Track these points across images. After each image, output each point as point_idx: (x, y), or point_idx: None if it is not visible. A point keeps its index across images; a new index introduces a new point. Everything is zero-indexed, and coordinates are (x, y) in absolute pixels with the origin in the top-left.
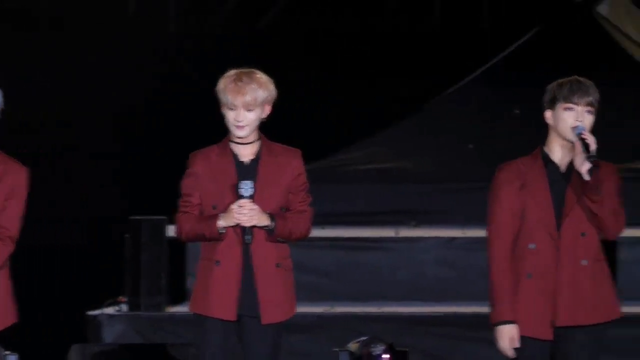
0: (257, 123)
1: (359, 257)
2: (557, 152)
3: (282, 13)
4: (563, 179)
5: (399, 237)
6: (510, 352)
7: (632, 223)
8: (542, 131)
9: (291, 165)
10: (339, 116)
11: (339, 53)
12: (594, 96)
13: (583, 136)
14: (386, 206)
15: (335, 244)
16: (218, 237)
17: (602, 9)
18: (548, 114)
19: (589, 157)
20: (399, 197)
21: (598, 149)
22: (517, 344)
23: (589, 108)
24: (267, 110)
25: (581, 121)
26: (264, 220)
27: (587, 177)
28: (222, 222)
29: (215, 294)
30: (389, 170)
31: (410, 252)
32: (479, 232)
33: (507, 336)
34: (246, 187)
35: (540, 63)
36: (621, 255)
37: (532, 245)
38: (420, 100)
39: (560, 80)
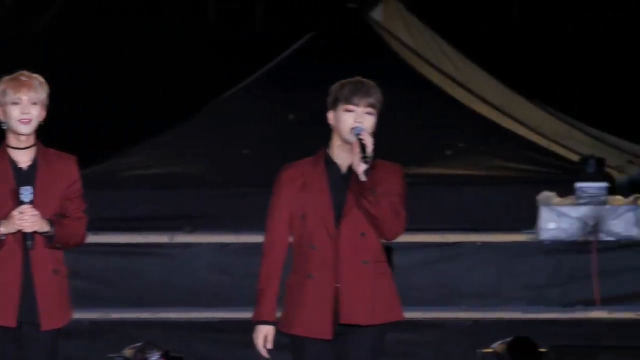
0: (36, 124)
1: (134, 263)
2: (339, 154)
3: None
4: (344, 180)
5: (173, 243)
6: (263, 351)
7: (409, 229)
8: (317, 136)
9: (67, 171)
10: (115, 120)
11: (112, 57)
12: (375, 97)
13: (360, 137)
14: (161, 212)
15: (110, 250)
16: None
17: (376, 14)
18: (330, 115)
19: (364, 157)
20: (174, 203)
21: (381, 151)
22: (270, 345)
23: (369, 109)
24: (43, 114)
25: (360, 122)
26: (44, 227)
27: (362, 178)
28: (2, 229)
29: None
30: (164, 176)
31: (185, 257)
32: (253, 238)
33: (261, 335)
34: (26, 193)
35: (314, 68)
36: (396, 260)
37: (313, 246)
38: (196, 104)
39: (342, 81)
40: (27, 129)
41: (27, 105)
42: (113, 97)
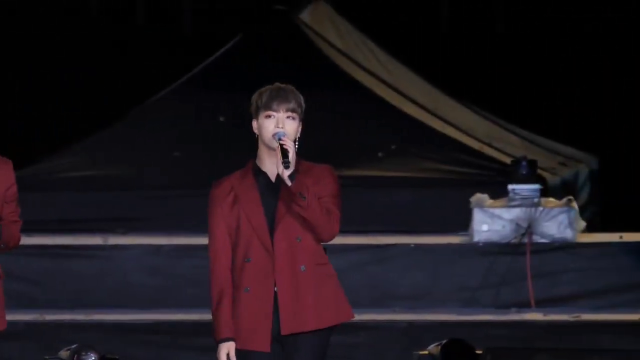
0: None
1: (67, 265)
2: (266, 162)
3: None
4: (274, 188)
5: (106, 245)
6: None
7: (341, 231)
8: (247, 138)
9: (3, 175)
10: (46, 123)
11: (44, 59)
12: (295, 102)
13: (282, 142)
14: (94, 214)
15: (43, 252)
16: None
17: (305, 16)
18: (254, 124)
19: (285, 162)
20: (107, 205)
21: (312, 153)
22: (234, 359)
23: (290, 114)
24: None
25: (282, 127)
26: None
27: (288, 183)
28: None
29: None
30: (97, 178)
31: (118, 259)
32: (186, 240)
33: (224, 352)
34: None
35: (243, 70)
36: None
37: (248, 259)
38: (126, 106)
39: (261, 89)
40: None
41: None
42: (44, 99)
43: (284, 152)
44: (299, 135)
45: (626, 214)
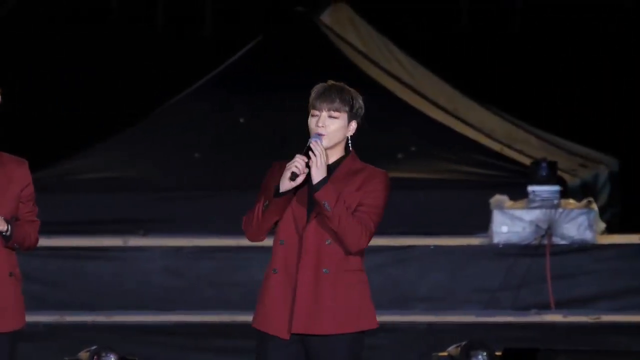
0: None
1: (87, 267)
2: None
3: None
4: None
5: (126, 247)
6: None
7: None
8: (267, 139)
9: (19, 175)
10: (67, 124)
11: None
12: (340, 100)
13: (311, 145)
14: (114, 215)
15: (63, 253)
16: None
17: (325, 18)
18: (309, 121)
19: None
20: (127, 206)
21: None
22: None
23: (332, 113)
24: None
25: (322, 126)
26: (2, 225)
27: (315, 190)
28: None
29: None
30: (116, 179)
31: (138, 261)
32: (205, 241)
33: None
34: None
35: (264, 72)
36: None
37: (282, 241)
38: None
39: (316, 85)
40: None
41: None
42: (64, 101)
43: (308, 156)
44: (350, 134)
45: None
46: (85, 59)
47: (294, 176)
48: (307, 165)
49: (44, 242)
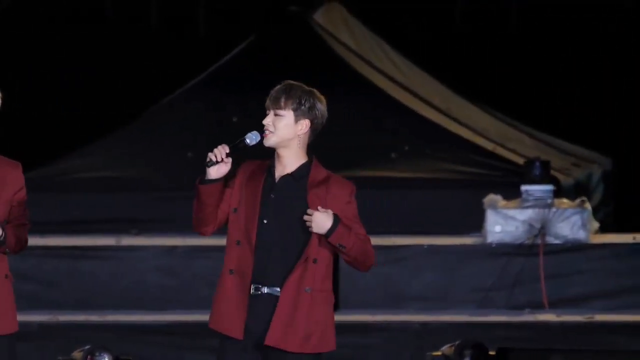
0: None
1: (80, 266)
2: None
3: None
4: (275, 188)
5: (120, 246)
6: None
7: None
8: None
9: (13, 178)
10: (59, 124)
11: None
12: (286, 99)
13: (239, 142)
14: (107, 214)
15: (57, 253)
16: None
17: (318, 17)
18: None
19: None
20: (120, 206)
21: (326, 154)
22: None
23: (277, 111)
24: None
25: (269, 123)
26: None
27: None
28: None
29: None
30: (109, 179)
31: (132, 260)
32: (199, 241)
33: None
34: None
35: (257, 71)
36: (342, 263)
37: (238, 242)
38: (139, 108)
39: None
40: None
41: None
42: (57, 101)
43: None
44: (301, 132)
45: None
46: (79, 58)
47: (210, 163)
48: (229, 155)
49: (38, 241)
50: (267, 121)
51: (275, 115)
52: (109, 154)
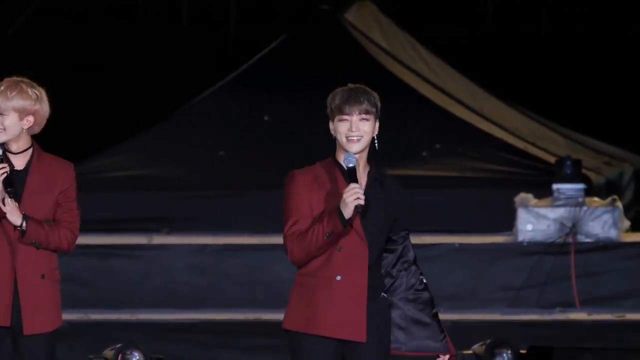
0: (13, 132)
1: (112, 265)
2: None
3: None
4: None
5: (151, 245)
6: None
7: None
8: (291, 137)
9: (61, 177)
10: (91, 123)
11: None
12: (368, 102)
13: (350, 166)
14: (138, 213)
15: (88, 251)
16: None
17: (350, 16)
18: (331, 127)
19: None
20: (151, 204)
21: None
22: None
23: (364, 116)
24: (25, 122)
25: (356, 130)
26: (17, 219)
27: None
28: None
29: None
30: (140, 177)
31: (163, 259)
32: (230, 239)
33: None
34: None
35: (288, 69)
36: None
37: (339, 248)
38: (171, 107)
39: (335, 91)
40: (1, 138)
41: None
42: (89, 100)
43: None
44: (376, 133)
45: None
46: (111, 58)
47: (360, 208)
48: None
49: None
50: (355, 127)
51: (362, 120)
52: (140, 153)
